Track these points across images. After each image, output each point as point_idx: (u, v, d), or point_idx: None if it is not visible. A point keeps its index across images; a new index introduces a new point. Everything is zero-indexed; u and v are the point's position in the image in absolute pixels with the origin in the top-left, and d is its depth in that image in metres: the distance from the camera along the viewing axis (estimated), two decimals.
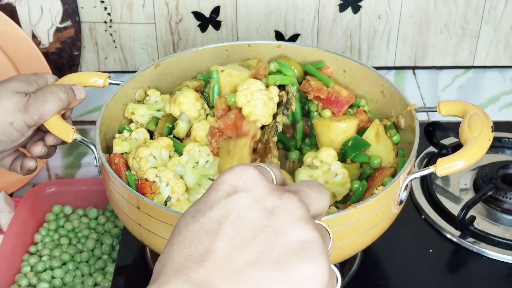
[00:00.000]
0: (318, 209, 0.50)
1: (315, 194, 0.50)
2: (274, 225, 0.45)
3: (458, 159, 0.77)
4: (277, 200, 0.46)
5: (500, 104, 1.26)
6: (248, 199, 0.46)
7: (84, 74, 0.94)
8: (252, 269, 0.44)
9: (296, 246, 0.45)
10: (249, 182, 0.47)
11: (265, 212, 0.46)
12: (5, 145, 0.85)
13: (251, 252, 0.44)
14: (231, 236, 0.44)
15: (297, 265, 0.44)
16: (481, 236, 0.95)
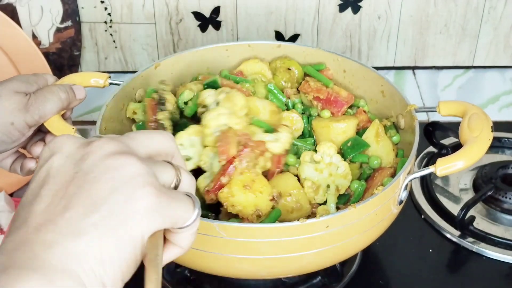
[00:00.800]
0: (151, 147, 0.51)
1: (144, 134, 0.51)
2: (83, 168, 0.46)
3: (458, 159, 0.77)
4: (85, 149, 0.48)
5: (500, 104, 1.26)
6: (58, 159, 0.48)
7: (84, 74, 0.94)
8: (63, 213, 0.44)
9: (108, 175, 0.45)
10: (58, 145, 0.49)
11: (74, 163, 0.47)
12: (6, 146, 0.85)
13: (64, 200, 0.45)
14: (45, 195, 0.46)
15: (111, 192, 0.45)
16: (481, 236, 0.95)
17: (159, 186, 0.47)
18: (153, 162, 0.49)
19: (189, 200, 0.49)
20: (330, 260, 0.80)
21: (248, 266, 0.75)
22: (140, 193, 0.45)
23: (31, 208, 0.46)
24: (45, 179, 0.47)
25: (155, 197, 0.46)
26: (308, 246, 0.73)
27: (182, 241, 0.51)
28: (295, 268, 0.78)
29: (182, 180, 0.50)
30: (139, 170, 0.46)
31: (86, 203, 0.45)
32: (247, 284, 0.89)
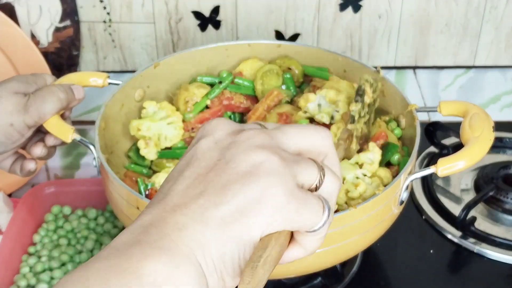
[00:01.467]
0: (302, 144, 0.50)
1: (296, 129, 0.50)
2: (226, 156, 0.47)
3: (459, 159, 0.77)
4: (234, 137, 0.48)
5: (501, 104, 1.25)
6: (208, 142, 0.49)
7: (83, 74, 0.94)
8: (198, 199, 0.45)
9: (244, 169, 0.46)
10: (212, 128, 0.50)
11: (220, 149, 0.48)
12: (5, 147, 0.85)
13: (201, 185, 0.46)
14: (187, 177, 0.47)
15: (243, 187, 0.45)
16: (482, 236, 0.95)
17: (292, 188, 0.46)
18: (296, 161, 0.48)
19: (320, 204, 0.48)
20: (331, 261, 0.80)
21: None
22: (270, 192, 0.45)
23: (173, 186, 0.47)
24: (191, 159, 0.48)
25: (285, 200, 0.46)
26: None
27: (307, 244, 0.50)
28: (295, 269, 0.78)
29: (324, 182, 0.49)
30: (276, 168, 0.46)
31: (219, 193, 0.45)
32: None
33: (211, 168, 0.47)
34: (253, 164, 0.46)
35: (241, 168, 0.46)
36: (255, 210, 0.45)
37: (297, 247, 0.50)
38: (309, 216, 0.47)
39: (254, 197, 0.45)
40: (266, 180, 0.45)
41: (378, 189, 0.81)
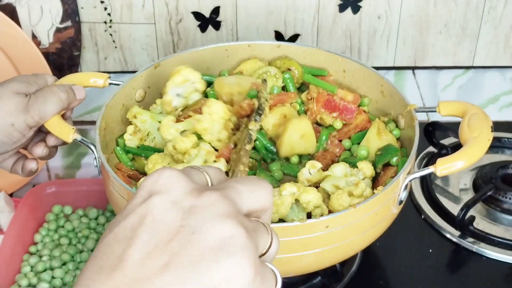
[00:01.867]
0: (254, 204, 0.47)
1: (248, 188, 0.47)
2: (190, 224, 0.43)
3: (458, 159, 0.77)
4: (195, 200, 0.44)
5: (500, 104, 1.26)
6: (163, 202, 0.44)
7: (84, 74, 0.94)
8: (163, 274, 0.41)
9: (213, 244, 0.42)
10: (165, 184, 0.45)
11: (181, 213, 0.43)
12: (6, 147, 0.85)
13: (164, 256, 0.42)
14: (144, 243, 0.42)
15: (214, 264, 0.42)
16: (481, 236, 0.95)
17: (258, 264, 0.44)
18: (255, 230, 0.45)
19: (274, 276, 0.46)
20: (330, 260, 0.80)
21: None
22: (240, 272, 0.42)
23: (128, 250, 0.42)
24: (146, 218, 0.43)
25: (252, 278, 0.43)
26: (308, 246, 0.73)
27: None
28: (295, 268, 0.78)
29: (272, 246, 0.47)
30: (246, 244, 0.43)
31: (187, 268, 0.41)
32: None
33: (174, 235, 0.42)
34: (222, 238, 0.42)
35: (209, 242, 0.42)
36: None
37: None
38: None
39: (224, 276, 0.42)
40: (236, 258, 0.42)
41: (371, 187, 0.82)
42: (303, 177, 0.83)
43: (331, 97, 0.91)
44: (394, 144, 0.87)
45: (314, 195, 0.77)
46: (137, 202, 0.45)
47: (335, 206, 0.77)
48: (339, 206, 0.77)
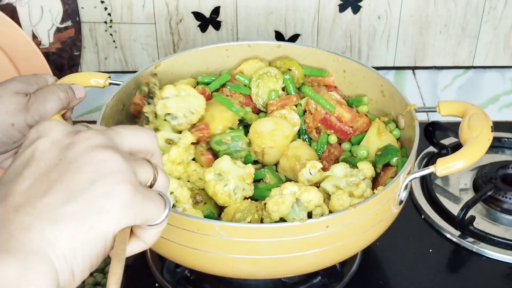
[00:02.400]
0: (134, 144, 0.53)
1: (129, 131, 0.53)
2: (67, 156, 0.48)
3: (458, 159, 0.77)
4: (73, 138, 0.49)
5: (500, 104, 1.26)
6: (44, 143, 0.49)
7: (85, 74, 0.94)
8: (43, 198, 0.46)
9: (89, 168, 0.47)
10: (45, 129, 0.50)
11: (60, 149, 0.49)
12: (6, 146, 0.85)
13: (45, 184, 0.47)
14: (27, 177, 0.47)
15: (90, 185, 0.47)
16: (481, 236, 0.95)
17: (136, 184, 0.49)
18: (133, 159, 0.50)
19: (161, 200, 0.51)
20: (330, 260, 0.80)
21: (248, 266, 0.75)
22: (118, 189, 0.47)
23: (12, 187, 0.47)
24: (29, 160, 0.49)
25: (131, 195, 0.48)
26: (308, 246, 0.73)
27: (148, 238, 0.53)
28: (295, 268, 0.78)
29: (158, 179, 0.52)
30: (120, 166, 0.48)
31: (66, 191, 0.46)
32: (247, 284, 0.89)
33: (52, 168, 0.48)
34: (97, 162, 0.48)
35: (86, 167, 0.47)
36: (104, 205, 0.47)
37: (137, 241, 0.53)
38: (153, 210, 0.50)
39: (103, 193, 0.47)
40: (112, 177, 0.47)
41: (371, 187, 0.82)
42: (303, 178, 0.83)
43: (328, 116, 0.91)
44: (394, 144, 0.88)
45: (315, 194, 0.77)
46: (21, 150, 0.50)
47: (335, 206, 0.77)
48: (339, 206, 0.77)
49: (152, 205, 0.50)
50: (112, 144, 0.50)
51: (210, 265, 0.77)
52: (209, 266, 0.77)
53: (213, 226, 0.71)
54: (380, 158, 0.85)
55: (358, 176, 0.82)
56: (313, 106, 0.92)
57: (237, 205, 0.80)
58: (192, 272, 0.89)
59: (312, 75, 0.98)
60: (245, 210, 0.78)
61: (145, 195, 0.49)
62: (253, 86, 0.95)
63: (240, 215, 0.77)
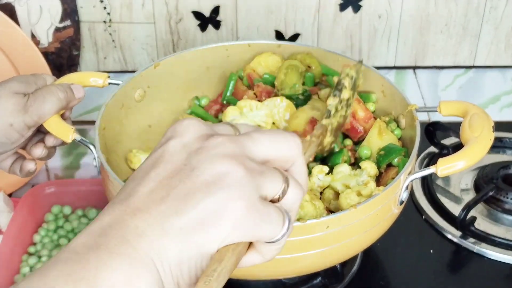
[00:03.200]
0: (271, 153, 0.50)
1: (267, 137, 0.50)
2: (191, 163, 0.47)
3: (459, 159, 0.77)
4: (203, 142, 0.48)
5: (501, 104, 1.25)
6: (176, 144, 0.48)
7: (84, 74, 0.94)
8: (160, 204, 0.45)
9: (208, 178, 0.46)
10: (181, 130, 0.49)
11: (188, 153, 0.47)
12: (5, 147, 0.85)
13: (164, 190, 0.46)
14: (152, 179, 0.47)
15: (206, 197, 0.45)
16: (482, 236, 0.95)
17: (254, 201, 0.46)
18: (261, 172, 0.47)
19: (280, 216, 0.48)
20: (331, 261, 0.80)
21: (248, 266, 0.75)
22: (231, 206, 0.45)
23: (137, 187, 0.47)
24: (158, 160, 0.48)
25: (244, 213, 0.45)
26: (308, 247, 0.73)
27: (266, 252, 0.50)
28: (295, 269, 0.78)
29: (287, 193, 0.49)
30: (240, 181, 0.46)
31: (181, 200, 0.45)
32: (247, 284, 0.89)
33: (176, 173, 0.46)
34: (217, 174, 0.46)
35: (205, 177, 0.46)
36: (214, 222, 0.45)
37: (255, 254, 0.50)
38: (268, 228, 0.47)
39: (215, 208, 0.45)
40: (228, 192, 0.45)
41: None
42: (316, 186, 0.82)
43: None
44: (396, 143, 0.87)
45: (308, 210, 0.76)
46: (156, 148, 0.50)
47: (343, 205, 0.77)
48: (347, 205, 0.77)
49: (268, 224, 0.47)
50: (242, 153, 0.47)
51: None
52: None
53: None
54: (383, 157, 0.85)
55: (362, 175, 0.82)
56: None
57: None
58: None
59: (329, 74, 0.98)
60: None
61: (261, 213, 0.46)
62: (281, 74, 0.95)
63: None
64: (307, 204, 0.76)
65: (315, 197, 0.79)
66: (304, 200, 0.76)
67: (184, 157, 0.47)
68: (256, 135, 0.49)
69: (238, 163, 0.46)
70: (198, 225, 0.45)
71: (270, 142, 0.50)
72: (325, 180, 0.82)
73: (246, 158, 0.47)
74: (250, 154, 0.48)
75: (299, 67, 0.96)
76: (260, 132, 0.50)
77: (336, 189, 0.81)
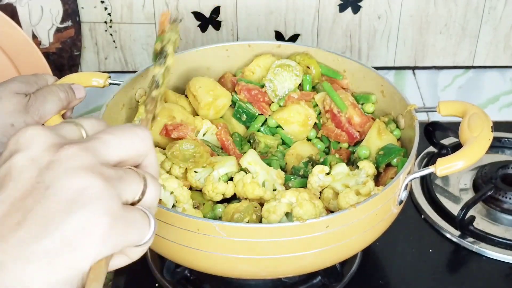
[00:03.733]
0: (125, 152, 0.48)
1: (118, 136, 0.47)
2: (45, 180, 0.43)
3: (458, 159, 0.77)
4: (53, 155, 0.44)
5: (500, 104, 1.26)
6: (23, 159, 0.44)
7: (85, 74, 0.94)
8: (17, 231, 0.41)
9: (67, 196, 0.43)
10: (26, 142, 0.45)
11: (39, 169, 0.44)
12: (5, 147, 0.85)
13: (19, 213, 0.42)
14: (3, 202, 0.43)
15: (67, 216, 0.42)
16: (481, 236, 0.95)
17: (117, 211, 0.44)
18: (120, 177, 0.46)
19: (146, 220, 0.47)
20: (330, 260, 0.80)
21: (248, 266, 0.75)
22: (96, 221, 0.43)
23: None
24: (5, 178, 0.44)
25: (111, 226, 0.43)
26: (308, 246, 0.73)
27: (132, 254, 0.49)
28: (295, 268, 0.78)
29: (146, 193, 0.48)
30: (100, 193, 0.43)
31: (41, 223, 0.42)
32: (247, 284, 0.89)
33: (29, 192, 0.43)
34: (76, 190, 0.43)
35: (63, 195, 0.42)
36: (81, 240, 0.42)
37: (122, 257, 0.49)
38: (137, 233, 0.46)
39: (79, 227, 0.42)
40: (90, 207, 0.43)
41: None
42: (316, 185, 0.83)
43: (339, 115, 0.91)
44: (395, 143, 0.88)
45: (307, 209, 0.76)
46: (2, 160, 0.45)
47: (342, 204, 0.77)
48: (345, 204, 0.77)
49: (134, 230, 0.46)
50: (96, 162, 0.45)
51: (210, 265, 0.77)
52: (209, 266, 0.77)
53: (213, 226, 0.71)
54: (382, 157, 0.85)
55: (360, 175, 0.82)
56: (328, 102, 0.92)
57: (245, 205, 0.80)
58: (192, 272, 0.89)
59: (328, 75, 0.98)
60: (243, 210, 0.78)
61: (127, 221, 0.45)
62: (270, 76, 0.95)
63: (239, 215, 0.77)
64: (307, 203, 0.76)
65: (314, 197, 0.79)
66: (303, 199, 0.76)
67: (35, 174, 0.43)
68: (106, 136, 0.47)
69: (95, 174, 0.44)
70: (65, 246, 0.42)
71: (121, 141, 0.48)
72: (326, 180, 0.83)
73: (101, 165, 0.45)
74: (104, 159, 0.46)
75: (290, 66, 0.96)
76: (109, 133, 0.47)
77: (336, 189, 0.81)
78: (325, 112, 0.93)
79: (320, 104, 0.94)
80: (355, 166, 0.86)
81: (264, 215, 0.77)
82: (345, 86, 0.97)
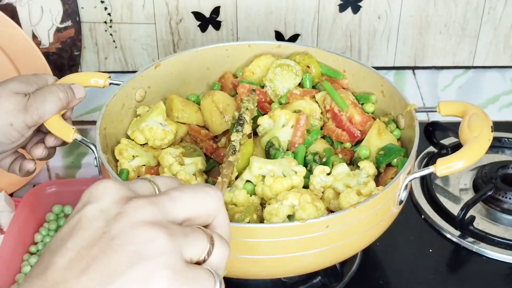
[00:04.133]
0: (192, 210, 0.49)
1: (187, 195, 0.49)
2: (111, 230, 0.45)
3: (458, 159, 0.77)
4: (121, 207, 0.46)
5: (500, 104, 1.26)
6: (93, 210, 0.46)
7: (85, 74, 0.94)
8: (80, 278, 0.43)
9: (130, 248, 0.44)
10: (97, 194, 0.47)
11: (107, 220, 0.46)
12: (5, 146, 0.85)
13: (84, 261, 0.44)
14: (70, 249, 0.45)
15: (129, 268, 0.44)
16: (481, 236, 0.95)
17: (180, 268, 0.45)
18: (185, 234, 0.47)
19: (211, 279, 0.47)
20: (330, 260, 0.80)
21: (248, 266, 0.75)
22: (157, 275, 0.44)
23: (54, 258, 0.45)
24: (75, 227, 0.46)
25: (171, 281, 0.45)
26: (308, 246, 0.73)
27: None
28: (295, 268, 0.78)
29: (213, 253, 0.49)
30: (163, 248, 0.45)
31: (104, 272, 0.43)
32: (247, 284, 0.89)
33: (96, 242, 0.45)
34: (139, 242, 0.44)
35: (127, 246, 0.44)
36: None
37: None
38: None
39: (140, 279, 0.44)
40: (153, 260, 0.44)
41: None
42: (319, 186, 0.83)
43: (340, 114, 0.91)
44: (396, 143, 0.88)
45: (310, 212, 0.76)
46: (72, 214, 0.48)
47: (343, 204, 0.77)
48: (347, 204, 0.77)
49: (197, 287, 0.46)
50: (163, 218, 0.46)
51: None
52: None
53: None
54: (383, 158, 0.85)
55: (361, 175, 0.82)
56: (328, 102, 0.92)
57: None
58: None
59: (328, 75, 0.97)
60: (243, 210, 0.78)
61: (188, 278, 0.45)
62: (270, 76, 0.95)
63: (239, 215, 0.77)
64: (309, 205, 0.76)
65: (316, 198, 0.79)
66: (305, 202, 0.76)
67: (103, 224, 0.45)
68: (176, 193, 0.49)
69: (160, 228, 0.45)
70: None
71: (190, 199, 0.49)
72: (327, 181, 0.82)
73: (168, 221, 0.46)
74: (171, 216, 0.47)
75: (289, 65, 0.96)
76: (179, 190, 0.49)
77: (337, 189, 0.81)
78: (325, 111, 0.93)
79: (320, 103, 0.94)
80: (355, 166, 0.86)
81: (266, 217, 0.76)
82: (345, 86, 0.97)
